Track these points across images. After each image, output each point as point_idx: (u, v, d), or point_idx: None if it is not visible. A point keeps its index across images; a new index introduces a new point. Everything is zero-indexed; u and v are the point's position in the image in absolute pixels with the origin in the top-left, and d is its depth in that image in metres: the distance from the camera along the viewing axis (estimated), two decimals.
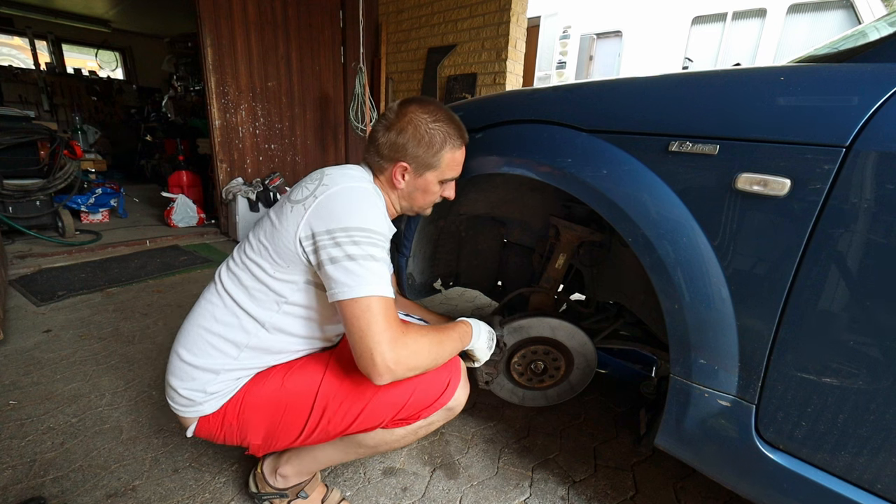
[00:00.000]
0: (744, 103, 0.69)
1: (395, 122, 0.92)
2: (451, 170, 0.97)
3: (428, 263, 1.49)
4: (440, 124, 0.92)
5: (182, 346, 0.88)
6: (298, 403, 0.87)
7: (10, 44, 7.06)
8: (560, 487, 1.18)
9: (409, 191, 0.97)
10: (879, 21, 0.97)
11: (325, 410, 0.86)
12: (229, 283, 0.88)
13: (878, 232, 0.59)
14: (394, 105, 0.95)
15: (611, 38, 6.25)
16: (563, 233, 1.12)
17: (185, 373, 0.87)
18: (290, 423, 0.88)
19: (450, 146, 0.94)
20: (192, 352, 0.87)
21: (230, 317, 0.87)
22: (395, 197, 0.99)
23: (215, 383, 0.87)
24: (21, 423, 1.30)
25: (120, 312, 2.09)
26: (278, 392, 0.88)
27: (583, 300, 1.41)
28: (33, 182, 2.96)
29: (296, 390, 0.88)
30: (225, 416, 0.89)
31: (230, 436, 0.91)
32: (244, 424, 0.89)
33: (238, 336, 0.86)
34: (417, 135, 0.91)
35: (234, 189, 3.37)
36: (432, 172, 0.95)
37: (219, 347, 0.86)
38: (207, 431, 0.91)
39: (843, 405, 0.66)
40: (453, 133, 0.94)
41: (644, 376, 1.58)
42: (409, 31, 3.89)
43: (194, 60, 5.00)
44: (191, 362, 0.87)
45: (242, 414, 0.88)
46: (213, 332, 0.87)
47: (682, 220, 0.74)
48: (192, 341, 0.88)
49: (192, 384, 0.87)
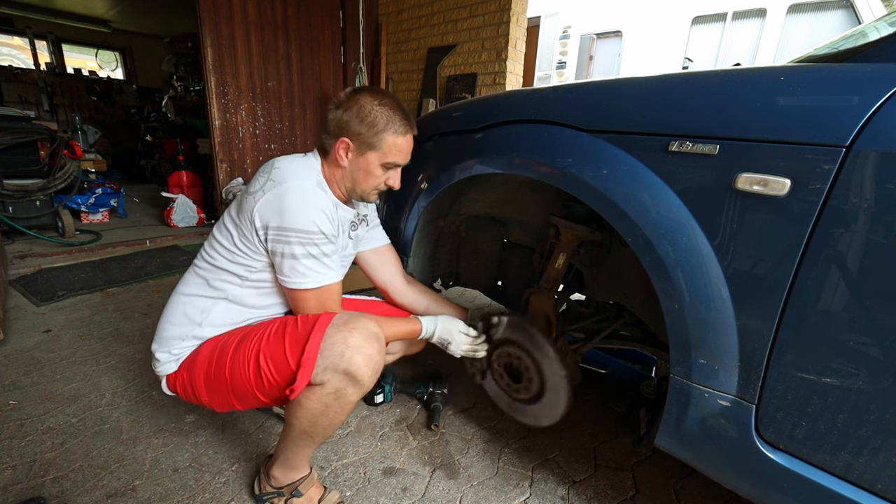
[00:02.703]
0: (744, 103, 0.69)
1: (344, 102, 0.99)
2: (392, 154, 1.00)
3: (428, 263, 1.49)
4: (385, 108, 0.97)
5: (164, 318, 1.04)
6: (225, 350, 0.98)
7: (10, 44, 7.07)
8: (560, 487, 1.18)
9: (351, 170, 1.02)
10: (879, 21, 0.97)
11: (239, 347, 0.96)
12: (202, 260, 1.04)
13: (878, 232, 0.59)
14: (349, 89, 1.01)
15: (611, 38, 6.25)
16: (563, 232, 1.12)
17: (160, 337, 1.04)
18: (219, 367, 0.97)
19: (392, 130, 0.98)
20: (170, 320, 1.03)
21: (202, 289, 1.02)
22: (339, 177, 1.04)
23: (179, 347, 1.02)
24: (21, 423, 1.30)
25: (120, 312, 2.09)
26: (215, 346, 1.01)
27: (583, 300, 1.41)
28: (33, 182, 2.96)
29: (223, 342, 1.00)
30: (182, 373, 1.03)
31: (188, 392, 1.03)
32: (194, 379, 1.01)
33: (205, 304, 1.02)
34: (361, 113, 0.97)
35: (234, 189, 3.37)
36: (373, 153, 0.99)
37: (188, 314, 1.02)
38: (173, 386, 1.06)
39: (843, 405, 0.66)
40: (397, 119, 0.98)
41: (644, 376, 1.58)
42: (409, 31, 3.89)
43: (194, 60, 5.00)
44: (165, 328, 1.03)
45: (192, 368, 1.01)
46: (185, 300, 1.03)
47: (682, 219, 0.74)
48: (170, 310, 1.04)
49: (163, 346, 1.03)
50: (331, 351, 0.86)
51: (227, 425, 1.34)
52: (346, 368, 0.86)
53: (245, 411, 1.41)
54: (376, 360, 0.90)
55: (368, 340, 0.89)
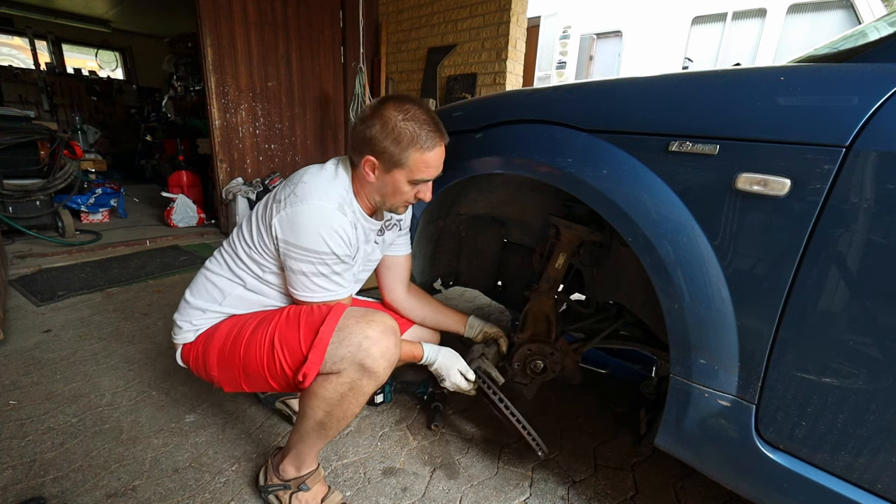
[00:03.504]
0: (744, 103, 0.69)
1: (369, 116, 0.95)
2: (420, 171, 0.96)
3: (428, 263, 1.49)
4: (410, 123, 0.92)
5: (188, 289, 1.10)
6: (244, 329, 1.01)
7: (10, 44, 7.06)
8: (560, 487, 1.18)
9: (379, 186, 1.00)
10: (879, 21, 0.97)
11: (257, 329, 0.98)
12: (229, 246, 1.08)
13: (877, 232, 0.59)
14: (375, 100, 0.98)
15: (611, 38, 6.25)
16: (564, 232, 1.12)
17: (183, 308, 1.08)
18: (234, 345, 1.00)
19: (417, 146, 0.93)
20: (192, 292, 1.08)
21: (224, 270, 1.06)
22: (368, 191, 1.02)
23: (200, 319, 1.06)
24: (21, 423, 1.30)
25: (120, 312, 2.09)
26: (234, 324, 1.04)
27: (583, 300, 1.41)
28: (33, 182, 2.96)
29: (242, 322, 1.03)
30: (198, 345, 1.06)
31: (199, 365, 1.07)
32: (207, 353, 1.04)
33: (226, 286, 1.06)
34: (385, 130, 0.92)
35: (234, 189, 3.37)
36: (400, 171, 0.96)
37: (210, 291, 1.06)
38: (186, 358, 1.10)
39: (843, 405, 0.66)
40: (423, 134, 0.93)
41: (644, 376, 1.58)
42: (409, 31, 3.89)
43: (194, 60, 5.00)
44: (189, 300, 1.08)
45: (208, 342, 1.04)
46: (209, 277, 1.07)
47: (683, 219, 0.74)
48: (195, 282, 1.10)
49: (185, 316, 1.07)
50: (349, 340, 0.88)
51: (227, 425, 1.34)
52: (363, 359, 0.88)
53: (245, 411, 1.41)
54: (392, 353, 0.91)
55: (385, 333, 0.90)
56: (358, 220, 1.03)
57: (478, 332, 1.32)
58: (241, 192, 3.33)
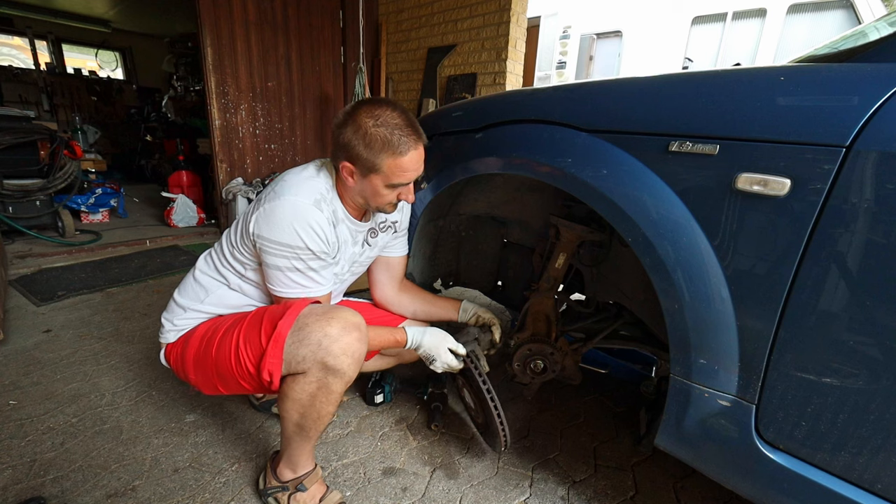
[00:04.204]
0: (744, 103, 0.69)
1: (342, 123, 0.95)
2: (396, 176, 0.95)
3: (428, 263, 1.49)
4: (382, 129, 0.91)
5: (177, 288, 1.12)
6: (216, 332, 1.02)
7: (10, 44, 7.06)
8: (560, 487, 1.18)
9: (359, 189, 1.00)
10: (879, 21, 0.97)
11: (227, 331, 0.99)
12: (219, 246, 1.10)
13: (878, 232, 0.59)
14: (349, 105, 0.98)
15: (611, 38, 6.25)
16: (564, 232, 1.12)
17: (170, 306, 1.11)
18: (207, 347, 1.01)
19: (390, 152, 0.92)
20: (179, 291, 1.11)
21: (211, 270, 1.09)
22: (351, 193, 1.03)
23: (182, 318, 1.08)
24: (21, 423, 1.30)
25: (120, 312, 2.09)
26: (209, 326, 1.05)
27: (583, 300, 1.41)
28: (33, 182, 2.96)
29: (218, 323, 1.04)
30: (178, 346, 1.08)
31: (179, 366, 1.08)
32: (185, 354, 1.05)
33: (210, 284, 1.08)
34: (357, 136, 0.92)
35: (234, 189, 3.37)
36: (376, 176, 0.96)
37: (195, 289, 1.08)
38: (168, 357, 1.12)
39: (843, 405, 0.66)
40: (395, 140, 0.92)
41: (644, 376, 1.58)
42: (409, 31, 3.89)
43: (194, 60, 5.00)
44: (175, 298, 1.10)
45: (186, 344, 1.06)
46: (197, 276, 1.09)
47: (683, 219, 0.74)
48: (184, 281, 1.12)
49: (169, 315, 1.09)
50: (309, 339, 0.87)
51: (227, 425, 1.34)
52: (324, 357, 0.87)
53: (245, 411, 1.41)
54: (356, 349, 0.90)
55: (347, 329, 0.89)
56: (341, 221, 1.04)
57: (472, 316, 1.31)
58: (241, 192, 3.33)
